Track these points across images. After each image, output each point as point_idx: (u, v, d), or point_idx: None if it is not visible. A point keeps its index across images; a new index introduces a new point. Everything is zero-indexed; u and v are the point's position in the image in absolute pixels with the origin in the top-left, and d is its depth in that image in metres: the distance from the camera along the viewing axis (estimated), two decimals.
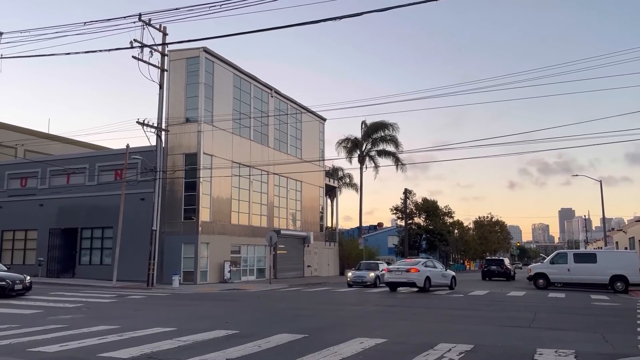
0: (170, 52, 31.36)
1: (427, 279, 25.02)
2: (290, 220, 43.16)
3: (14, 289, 19.92)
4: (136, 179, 31.07)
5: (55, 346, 8.97)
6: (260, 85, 39.48)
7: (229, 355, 8.09)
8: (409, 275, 24.90)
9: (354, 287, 29.30)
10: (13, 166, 39.01)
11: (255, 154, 37.53)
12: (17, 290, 20.09)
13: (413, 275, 24.84)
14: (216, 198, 33.36)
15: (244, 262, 36.11)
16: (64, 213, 35.10)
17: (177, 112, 32.47)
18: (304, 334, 10.51)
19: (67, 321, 12.89)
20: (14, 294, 19.89)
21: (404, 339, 10.10)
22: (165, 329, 11.11)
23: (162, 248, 30.36)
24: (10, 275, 20.61)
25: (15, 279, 20.23)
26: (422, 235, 60.36)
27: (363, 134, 56.21)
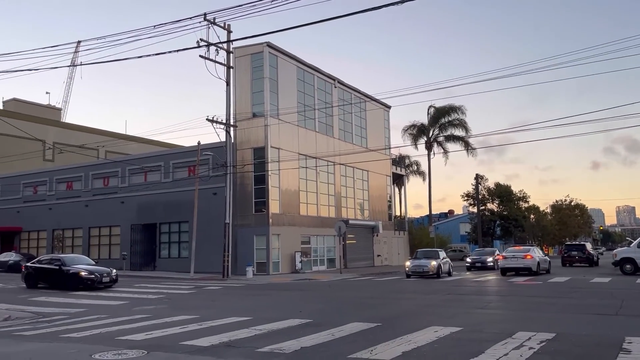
0: (235, 49, 32.06)
1: (538, 264, 27.61)
2: (358, 210, 43.13)
3: (102, 282, 21.05)
4: (208, 174, 32.15)
5: (141, 335, 9.48)
6: (324, 76, 39.57)
7: (304, 344, 8.21)
8: (525, 262, 27.48)
9: (413, 277, 26.67)
10: (96, 167, 41.50)
11: (321, 145, 37.74)
12: (105, 283, 21.20)
13: (528, 261, 27.47)
14: (285, 190, 33.91)
15: (314, 253, 36.53)
16: (143, 209, 36.96)
17: (244, 108, 33.23)
18: (377, 322, 10.48)
19: (150, 311, 13.59)
20: (102, 286, 21.02)
21: (480, 328, 9.84)
22: (242, 318, 11.45)
23: (235, 240, 31.31)
24: (98, 269, 21.88)
25: (103, 272, 21.38)
26: (495, 221, 58.37)
27: (430, 120, 55.04)
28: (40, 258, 24.60)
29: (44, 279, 22.09)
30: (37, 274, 22.30)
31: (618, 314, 11.64)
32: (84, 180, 40.67)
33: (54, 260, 22.67)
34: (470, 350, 7.42)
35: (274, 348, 7.88)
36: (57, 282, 21.43)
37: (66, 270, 21.23)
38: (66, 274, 21.09)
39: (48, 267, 22.10)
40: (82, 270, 21.04)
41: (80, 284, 20.61)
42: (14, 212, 43.39)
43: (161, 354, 7.64)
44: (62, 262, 21.95)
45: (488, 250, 38.53)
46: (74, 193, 41.04)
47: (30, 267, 22.99)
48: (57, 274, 21.51)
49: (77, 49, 25.31)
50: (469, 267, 34.46)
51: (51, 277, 21.79)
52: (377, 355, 7.28)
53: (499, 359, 6.89)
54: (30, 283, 22.21)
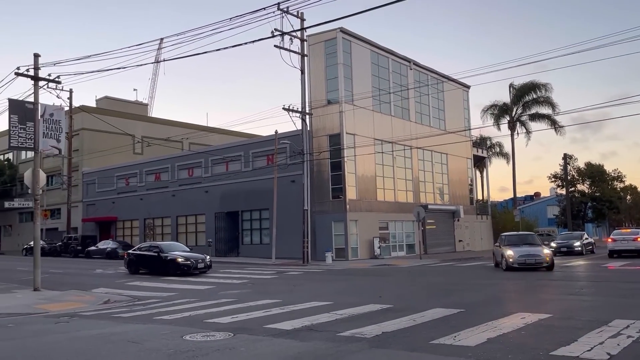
0: (309, 37, 32.21)
1: None
2: (438, 195, 42.20)
3: (197, 268, 21.79)
4: (286, 162, 32.74)
5: (227, 318, 9.88)
6: (398, 58, 38.85)
7: (385, 329, 8.18)
8: (636, 244, 27.32)
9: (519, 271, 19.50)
10: (181, 158, 43.53)
11: (397, 129, 37.20)
12: (200, 269, 21.91)
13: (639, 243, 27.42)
14: (361, 176, 33.83)
15: (392, 238, 36.26)
16: (226, 198, 38.35)
17: (319, 95, 33.41)
18: (459, 308, 10.24)
19: (235, 296, 14.12)
20: (197, 272, 21.75)
21: (571, 315, 9.33)
22: (322, 303, 11.60)
23: (313, 226, 31.75)
24: (193, 255, 22.67)
25: (198, 259, 22.13)
26: (586, 203, 54.95)
27: (512, 98, 52.53)
28: (140, 245, 25.81)
29: (144, 265, 23.17)
30: (138, 260, 23.45)
31: None
32: (170, 171, 42.79)
33: (152, 247, 23.69)
34: (561, 339, 7.06)
35: (354, 332, 7.92)
36: (155, 268, 22.38)
37: (164, 257, 22.11)
38: (164, 260, 21.97)
39: (147, 254, 23.14)
40: (178, 257, 21.81)
41: (177, 270, 21.39)
42: (109, 203, 46.58)
43: (246, 337, 7.91)
44: (160, 249, 22.88)
45: (575, 234, 36.10)
46: (161, 184, 43.34)
47: (131, 254, 24.22)
48: (155, 260, 22.48)
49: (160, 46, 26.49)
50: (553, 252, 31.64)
51: (150, 263, 22.80)
52: (460, 341, 7.11)
53: (594, 347, 6.50)
54: (132, 269, 23.46)
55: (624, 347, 6.48)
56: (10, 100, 17.32)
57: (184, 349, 7.12)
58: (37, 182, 16.94)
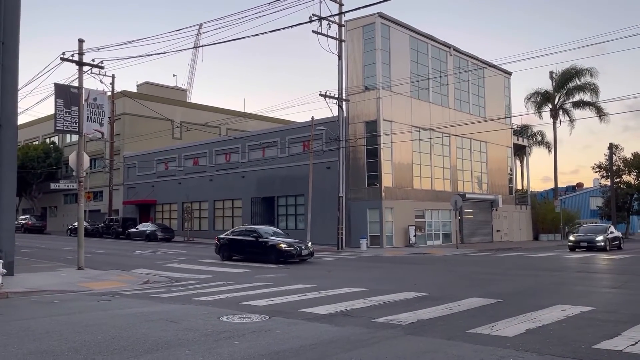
0: (347, 22, 31.91)
1: None
2: (476, 184, 41.44)
3: (300, 254, 19.94)
4: (322, 149, 32.73)
5: (263, 301, 10.00)
6: (438, 44, 38.10)
7: (420, 316, 8.12)
8: None
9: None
10: (218, 143, 44.09)
11: (435, 116, 36.60)
12: (303, 256, 20.12)
13: None
14: (397, 164, 33.52)
15: (428, 227, 35.89)
16: (262, 183, 38.70)
17: (356, 81, 33.14)
18: (497, 298, 10.06)
19: (270, 279, 14.28)
20: (298, 260, 19.83)
21: (615, 308, 9.04)
22: (357, 289, 11.60)
23: (348, 213, 31.72)
24: (296, 241, 20.85)
25: (301, 245, 20.35)
26: (632, 195, 52.93)
27: (555, 85, 50.89)
28: (233, 230, 23.53)
29: (239, 251, 21.33)
30: (232, 245, 21.56)
31: None
32: (208, 156, 43.42)
33: (249, 231, 21.67)
34: (604, 332, 6.85)
35: (390, 319, 7.89)
36: (253, 254, 20.62)
37: (263, 242, 20.34)
38: (264, 246, 20.21)
39: (244, 239, 21.19)
40: (280, 242, 20.05)
41: (280, 257, 19.61)
42: (149, 187, 47.69)
43: (282, 320, 7.99)
44: (258, 233, 20.96)
45: (600, 227, 31.61)
46: (199, 168, 44.06)
47: (224, 239, 22.29)
48: (253, 246, 20.64)
49: (199, 32, 26.77)
50: (572, 247, 28.66)
51: (247, 249, 20.96)
52: (498, 331, 6.98)
53: (638, 342, 6.27)
54: (224, 255, 21.63)
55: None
56: (56, 84, 17.86)
57: (221, 330, 7.24)
58: (81, 164, 17.46)
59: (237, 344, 6.35)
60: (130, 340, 6.59)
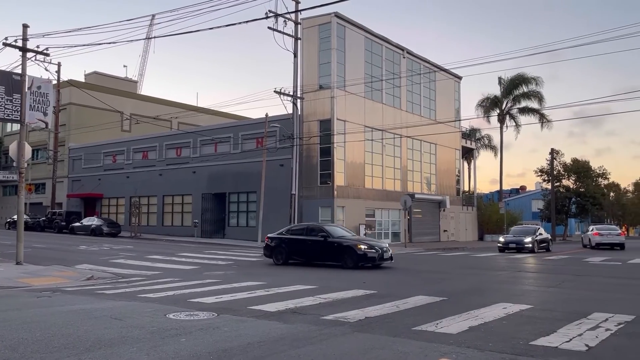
0: (303, 20, 31.93)
1: None
2: (425, 184, 42.41)
3: (383, 258, 17.12)
4: (275, 146, 32.63)
5: (211, 298, 9.89)
6: (392, 46, 38.71)
7: (368, 314, 8.24)
8: (619, 238, 33.51)
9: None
10: (169, 137, 43.18)
11: (388, 117, 37.20)
12: (385, 260, 17.25)
13: (621, 238, 33.86)
14: (350, 163, 33.86)
15: (378, 226, 36.45)
16: (213, 179, 38.20)
17: (310, 80, 33.22)
18: (443, 297, 10.34)
19: (220, 277, 14.14)
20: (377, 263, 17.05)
21: (552, 307, 9.47)
22: (307, 287, 11.66)
23: (300, 211, 31.76)
24: (377, 243, 18.02)
25: (383, 247, 17.43)
26: (571, 198, 55.58)
27: (503, 91, 52.74)
28: (289, 228, 20.05)
29: (300, 253, 18.20)
30: (291, 246, 18.27)
31: None
32: (158, 150, 42.46)
33: (313, 230, 18.42)
34: (541, 329, 7.16)
35: (338, 317, 7.97)
36: (320, 257, 17.71)
37: (336, 242, 17.26)
38: (337, 247, 17.13)
39: (307, 239, 17.97)
40: (359, 242, 17.22)
41: (359, 261, 16.74)
42: (95, 180, 46.16)
43: (230, 317, 7.93)
44: (327, 232, 17.85)
45: (530, 229, 31.16)
46: (149, 162, 43.01)
47: (278, 238, 18.76)
48: (321, 246, 17.52)
49: (151, 22, 26.11)
50: (501, 249, 28.38)
51: (312, 250, 17.84)
52: (442, 329, 7.18)
53: (572, 339, 6.60)
54: (280, 257, 18.23)
55: (602, 340, 6.59)
56: None
57: (167, 327, 7.11)
58: (22, 155, 16.71)
59: (184, 342, 6.26)
60: (71, 338, 6.37)
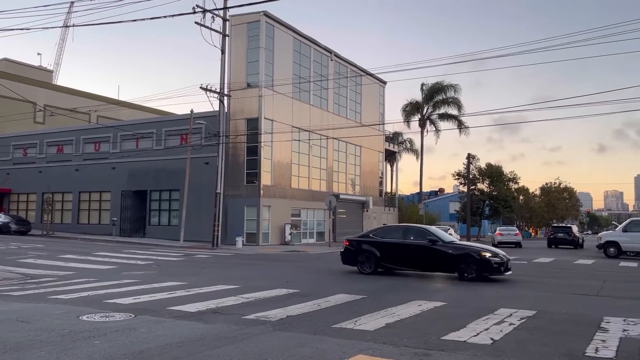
0: (232, 17, 31.56)
1: None
2: (350, 185, 43.26)
3: (507, 268, 14.39)
4: (200, 143, 32.00)
5: (129, 299, 9.58)
6: (320, 48, 39.14)
7: (290, 313, 8.34)
8: (517, 238, 38.71)
9: None
10: (87, 131, 41.13)
11: (315, 119, 37.58)
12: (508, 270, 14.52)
13: (519, 237, 39.18)
14: (277, 162, 33.87)
15: (304, 225, 36.74)
16: (134, 176, 36.84)
17: (238, 77, 32.89)
18: (363, 295, 10.65)
19: (139, 277, 13.69)
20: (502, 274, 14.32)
21: (463, 303, 10.03)
22: (229, 287, 11.58)
23: (225, 210, 31.39)
24: (496, 250, 15.08)
25: (504, 255, 14.61)
26: (485, 201, 58.76)
27: (424, 97, 54.86)
28: (377, 230, 16.81)
29: (397, 259, 15.21)
30: (385, 251, 15.17)
31: (599, 294, 11.89)
32: (75, 145, 40.35)
33: (415, 232, 15.48)
34: (452, 325, 7.58)
35: (259, 316, 8.00)
36: (429, 266, 14.87)
37: (450, 249, 14.50)
38: (452, 255, 14.32)
39: (409, 243, 14.95)
40: (482, 250, 14.43)
41: (484, 270, 13.98)
42: (3, 174, 43.10)
43: (148, 318, 7.73)
44: (435, 235, 14.92)
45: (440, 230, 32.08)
46: (64, 157, 40.76)
47: (365, 242, 15.71)
48: (429, 253, 14.57)
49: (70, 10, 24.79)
50: None
51: (415, 257, 14.87)
52: (360, 326, 7.41)
53: (480, 333, 7.05)
54: (368, 265, 15.31)
55: (506, 333, 7.09)
56: None
57: (80, 329, 6.83)
58: None
59: (98, 344, 6.05)
60: None
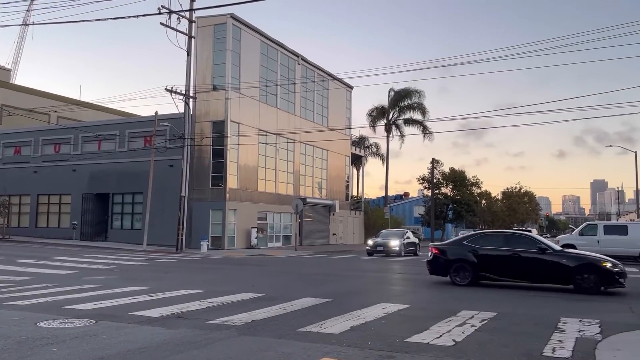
0: (198, 19, 31.23)
1: None
2: (316, 189, 43.36)
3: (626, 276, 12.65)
4: (165, 145, 31.52)
5: (89, 304, 9.35)
6: (287, 52, 39.16)
7: (255, 317, 8.30)
8: None
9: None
10: (47, 132, 39.94)
11: (282, 122, 37.54)
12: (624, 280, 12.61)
13: None
14: (243, 166, 33.66)
15: (270, 229, 36.60)
16: (96, 178, 35.97)
17: (204, 80, 32.57)
18: (328, 298, 10.69)
19: (100, 282, 13.38)
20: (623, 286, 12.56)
21: (426, 306, 10.19)
22: (194, 291, 11.44)
23: (190, 214, 30.98)
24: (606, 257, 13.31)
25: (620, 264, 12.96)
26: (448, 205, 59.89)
27: (390, 102, 55.53)
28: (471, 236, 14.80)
29: (500, 271, 13.60)
30: (485, 260, 13.60)
31: (556, 296, 12.26)
32: (33, 146, 39.13)
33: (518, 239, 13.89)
34: (415, 327, 7.69)
35: (224, 320, 7.94)
36: (538, 277, 13.30)
37: (563, 258, 12.95)
38: (565, 266, 12.74)
39: (513, 252, 13.36)
40: (602, 260, 12.82)
41: (605, 283, 12.49)
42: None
43: (109, 323, 7.57)
44: (544, 244, 13.46)
45: (398, 232, 31.07)
46: (22, 158, 39.48)
47: (459, 249, 14.11)
48: (538, 263, 13.04)
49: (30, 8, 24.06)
50: (370, 252, 28.43)
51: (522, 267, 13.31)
52: (326, 329, 7.44)
53: (442, 335, 7.18)
54: (465, 276, 13.76)
55: (467, 335, 7.24)
56: None
57: (38, 336, 6.63)
58: None
59: (56, 351, 5.89)
60: None
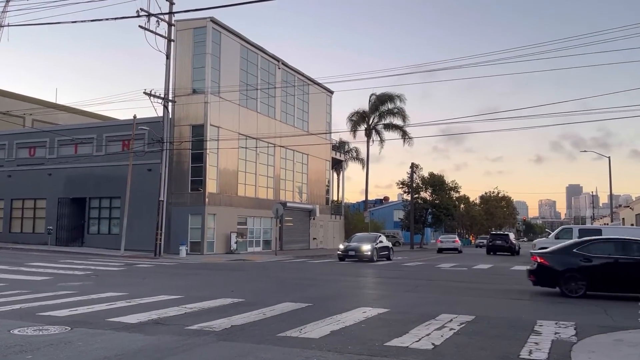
0: (177, 22, 31.04)
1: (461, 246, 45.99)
2: (297, 193, 43.31)
3: None
4: (143, 149, 31.18)
5: (65, 311, 9.18)
6: (267, 56, 39.12)
7: (234, 322, 8.25)
8: (454, 244, 45.06)
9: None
10: (21, 135, 39.20)
11: (262, 126, 37.45)
12: None
13: (457, 244, 45.40)
14: (223, 170, 33.46)
15: (250, 234, 36.41)
16: (73, 183, 35.39)
17: (184, 83, 32.34)
18: (308, 303, 10.68)
19: (76, 288, 13.15)
20: None
21: (406, 309, 10.25)
22: (172, 297, 11.32)
23: (169, 219, 30.66)
24: None
25: None
26: (427, 209, 60.30)
27: (370, 107, 55.82)
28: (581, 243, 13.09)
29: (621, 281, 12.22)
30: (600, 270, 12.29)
31: (533, 299, 12.45)
32: (7, 149, 38.35)
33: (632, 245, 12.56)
34: (395, 331, 7.73)
35: (203, 326, 7.87)
36: None
37: None
38: None
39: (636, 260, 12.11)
40: None
41: None
42: None
43: (85, 330, 7.45)
44: None
45: (371, 236, 30.07)
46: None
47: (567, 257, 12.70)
48: None
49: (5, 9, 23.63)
50: (341, 257, 27.75)
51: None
52: (306, 334, 7.43)
53: (422, 338, 7.23)
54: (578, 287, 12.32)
55: (446, 338, 7.31)
56: None
57: (11, 344, 6.49)
58: None
59: (30, 359, 5.77)
60: None
